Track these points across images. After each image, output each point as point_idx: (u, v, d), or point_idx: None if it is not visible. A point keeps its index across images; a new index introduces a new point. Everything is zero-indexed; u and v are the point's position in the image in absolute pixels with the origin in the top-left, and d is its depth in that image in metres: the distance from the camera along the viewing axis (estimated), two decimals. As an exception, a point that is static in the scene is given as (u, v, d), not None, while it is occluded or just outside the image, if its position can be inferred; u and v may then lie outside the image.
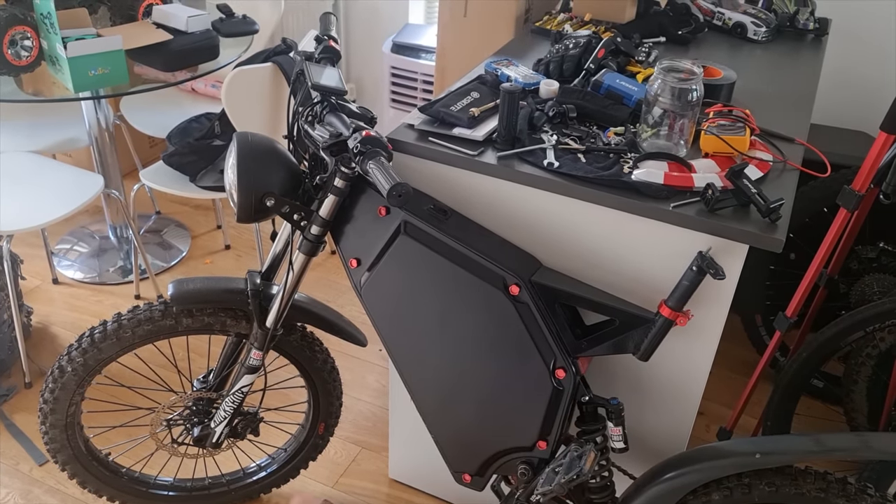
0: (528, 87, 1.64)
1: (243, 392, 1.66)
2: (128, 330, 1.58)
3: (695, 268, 1.26)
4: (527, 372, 1.39)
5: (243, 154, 1.39)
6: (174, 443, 1.78)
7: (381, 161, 1.22)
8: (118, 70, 2.12)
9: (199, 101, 2.83)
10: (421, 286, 1.42)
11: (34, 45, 2.13)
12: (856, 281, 2.22)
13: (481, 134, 1.49)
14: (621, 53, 1.76)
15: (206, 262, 2.86)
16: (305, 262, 1.50)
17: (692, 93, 1.41)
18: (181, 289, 1.56)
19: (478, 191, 1.49)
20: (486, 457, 1.51)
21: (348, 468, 2.09)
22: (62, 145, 2.65)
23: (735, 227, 1.27)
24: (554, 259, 1.48)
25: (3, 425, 2.15)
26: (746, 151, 1.44)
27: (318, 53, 1.55)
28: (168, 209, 3.13)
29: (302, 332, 1.71)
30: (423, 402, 1.52)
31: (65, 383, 1.61)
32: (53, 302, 2.62)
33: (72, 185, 2.33)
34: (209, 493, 1.91)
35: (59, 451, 1.70)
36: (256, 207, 1.39)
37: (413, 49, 2.96)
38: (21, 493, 1.97)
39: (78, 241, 2.92)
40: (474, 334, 1.41)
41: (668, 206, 1.32)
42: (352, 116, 1.39)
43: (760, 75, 1.91)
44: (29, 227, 2.16)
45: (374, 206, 1.42)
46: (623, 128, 1.54)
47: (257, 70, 2.17)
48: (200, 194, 2.38)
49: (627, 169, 1.40)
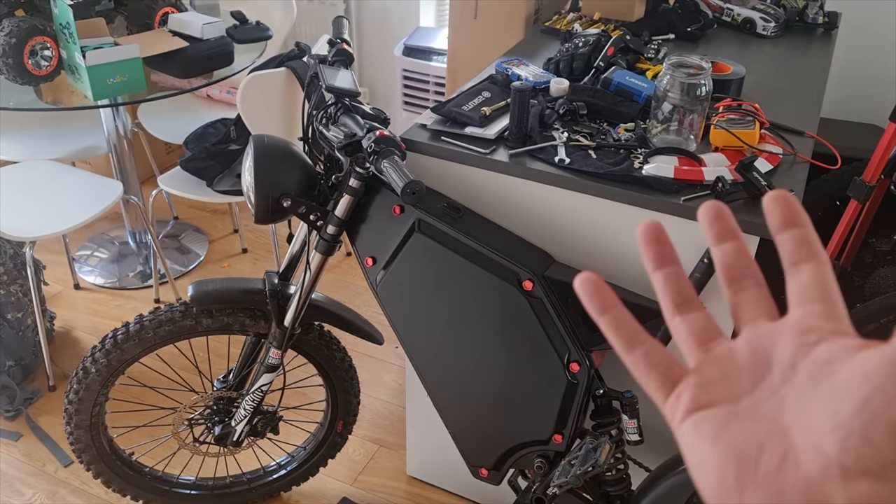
0: (539, 85, 1.66)
1: (263, 391, 1.69)
2: (149, 331, 1.62)
3: (706, 260, 1.28)
4: (541, 366, 1.41)
5: (260, 156, 1.42)
6: (196, 442, 1.81)
7: (395, 160, 1.24)
8: (136, 78, 2.17)
9: (215, 107, 2.87)
10: (436, 283, 1.44)
11: (53, 55, 2.17)
12: (870, 274, 2.22)
13: (493, 132, 1.51)
14: (631, 51, 1.78)
15: (223, 266, 2.90)
16: (322, 262, 1.53)
17: (701, 87, 1.42)
18: (201, 290, 1.59)
19: (490, 188, 1.51)
20: (502, 451, 1.53)
21: (367, 466, 2.11)
22: (81, 153, 2.69)
23: (745, 220, 1.29)
24: (566, 254, 1.50)
25: (29, 428, 2.19)
26: (756, 145, 1.45)
27: (331, 56, 1.57)
28: (186, 214, 3.18)
29: (319, 330, 1.74)
30: (440, 397, 1.54)
31: (89, 384, 1.65)
32: (75, 307, 2.67)
33: (91, 191, 2.37)
34: (231, 492, 1.94)
35: (84, 452, 1.74)
36: (273, 208, 1.42)
37: (424, 52, 2.99)
38: (47, 494, 2.00)
39: (98, 247, 2.96)
40: (489, 330, 1.43)
41: (679, 200, 1.33)
42: (365, 117, 1.42)
43: (770, 70, 1.92)
44: (51, 234, 2.20)
45: (389, 205, 1.44)
46: (633, 124, 1.56)
47: (271, 75, 2.21)
48: (217, 198, 2.42)
49: (638, 164, 1.42)
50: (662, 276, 0.40)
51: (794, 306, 0.36)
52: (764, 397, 0.34)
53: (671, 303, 0.39)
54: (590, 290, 0.40)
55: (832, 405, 0.30)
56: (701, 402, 0.35)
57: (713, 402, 0.35)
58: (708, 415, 0.34)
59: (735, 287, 0.38)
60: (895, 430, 0.29)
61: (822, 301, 0.35)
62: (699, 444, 0.34)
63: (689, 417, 0.35)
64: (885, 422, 0.29)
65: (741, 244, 0.39)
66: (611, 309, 0.40)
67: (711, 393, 0.35)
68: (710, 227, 0.39)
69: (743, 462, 0.32)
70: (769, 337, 0.35)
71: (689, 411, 0.35)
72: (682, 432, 0.35)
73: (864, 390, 0.29)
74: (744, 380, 0.35)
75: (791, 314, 0.36)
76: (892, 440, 0.28)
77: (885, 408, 0.29)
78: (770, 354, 0.35)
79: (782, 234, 0.37)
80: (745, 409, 0.34)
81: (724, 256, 0.39)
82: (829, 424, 0.30)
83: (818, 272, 0.36)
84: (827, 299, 0.35)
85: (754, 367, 0.35)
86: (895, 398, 0.29)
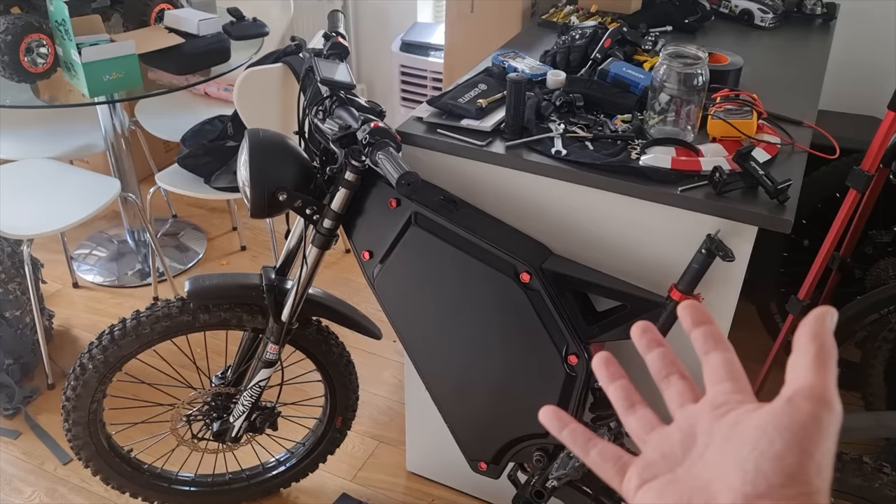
0: (536, 77, 1.65)
1: (261, 386, 1.68)
2: (146, 327, 1.61)
3: (704, 251, 1.27)
4: (539, 359, 1.40)
5: (255, 150, 1.41)
6: (194, 438, 1.81)
7: (390, 151, 1.23)
8: (132, 74, 2.16)
9: (213, 104, 2.87)
10: (433, 276, 1.44)
11: (49, 52, 2.17)
12: (871, 265, 2.21)
13: (489, 124, 1.50)
14: (628, 43, 1.77)
15: (222, 264, 2.90)
16: (319, 256, 1.52)
17: (698, 77, 1.42)
18: (198, 285, 1.58)
19: (487, 181, 1.50)
20: (501, 444, 1.52)
21: (366, 462, 2.11)
22: (79, 151, 2.69)
23: (743, 209, 1.28)
24: (564, 246, 1.49)
25: (28, 426, 2.19)
26: (754, 135, 1.45)
27: (326, 50, 1.57)
28: (184, 212, 3.17)
29: (317, 326, 1.73)
30: (438, 390, 1.54)
31: (86, 380, 1.64)
32: (74, 305, 2.66)
33: (89, 189, 2.37)
34: (230, 489, 1.93)
35: (83, 448, 1.74)
36: (269, 202, 1.42)
37: (422, 47, 2.98)
38: (46, 492, 2.00)
39: (96, 245, 2.96)
40: (487, 323, 1.42)
41: (677, 191, 1.33)
42: (361, 110, 1.41)
43: (768, 61, 1.91)
44: (48, 231, 2.20)
45: (385, 198, 1.44)
46: (630, 115, 1.55)
47: (268, 71, 2.20)
48: (215, 195, 2.41)
49: (635, 155, 1.41)
50: (615, 388, 0.51)
51: (709, 386, 0.46)
52: (693, 462, 0.43)
53: (624, 406, 0.50)
54: (549, 414, 0.50)
55: (737, 452, 0.40)
56: (645, 478, 0.44)
57: (655, 476, 0.44)
58: (652, 485, 0.43)
59: (665, 384, 0.49)
60: (778, 461, 0.38)
61: (729, 379, 0.45)
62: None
63: (638, 491, 0.44)
64: (769, 456, 0.38)
65: (666, 349, 0.50)
66: (567, 424, 0.50)
67: (653, 470, 0.44)
68: (640, 340, 0.50)
69: None
70: (693, 416, 0.45)
71: (638, 487, 0.44)
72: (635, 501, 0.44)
73: (755, 435, 0.39)
74: (677, 453, 0.44)
75: (707, 393, 0.46)
76: (776, 469, 0.37)
77: (769, 446, 0.38)
78: (695, 429, 0.44)
79: (693, 331, 0.48)
80: (680, 475, 0.43)
81: (654, 361, 0.49)
82: (735, 467, 0.39)
83: (724, 357, 0.46)
84: (733, 377, 0.45)
85: (684, 441, 0.44)
86: (776, 438, 0.38)
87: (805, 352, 0.41)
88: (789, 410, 0.39)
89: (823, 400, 0.39)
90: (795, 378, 0.41)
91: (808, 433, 0.38)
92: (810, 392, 0.39)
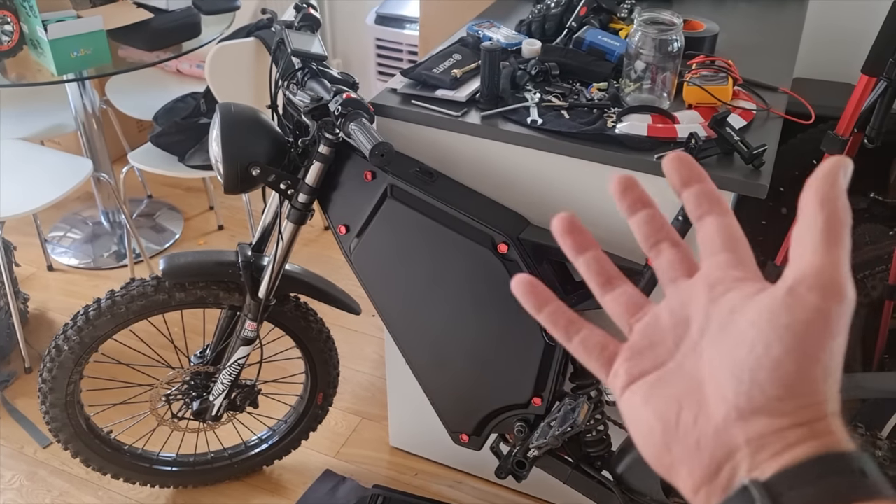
0: (511, 47, 1.64)
1: (240, 364, 1.67)
2: (122, 306, 1.59)
3: (681, 217, 1.27)
4: (518, 329, 1.40)
5: (227, 124, 1.39)
6: (174, 418, 1.79)
7: (363, 122, 1.22)
8: (100, 51, 2.11)
9: (185, 82, 2.82)
10: (410, 249, 1.43)
11: (15, 30, 2.12)
12: (847, 232, 2.22)
13: (464, 95, 1.49)
14: (603, 11, 1.75)
15: (199, 244, 2.87)
16: (294, 231, 1.51)
17: (673, 44, 1.41)
18: (173, 263, 1.56)
19: (463, 151, 1.49)
20: (482, 416, 1.52)
21: (349, 438, 2.11)
22: (50, 131, 2.64)
23: (719, 175, 1.28)
24: (541, 216, 1.48)
25: (6, 410, 2.17)
26: (729, 101, 1.44)
27: (297, 21, 1.54)
28: (160, 192, 3.13)
29: (295, 302, 1.72)
30: (418, 363, 1.54)
31: (62, 362, 1.62)
32: (49, 288, 2.63)
33: (61, 170, 2.32)
34: (212, 468, 1.93)
35: (61, 430, 1.72)
36: (242, 177, 1.40)
37: (397, 20, 2.94)
38: (26, 475, 1.98)
39: (71, 227, 2.92)
40: (465, 294, 1.42)
41: (653, 158, 1.32)
42: (333, 82, 1.39)
43: (743, 28, 1.91)
44: (20, 213, 2.16)
45: (360, 171, 1.42)
46: (606, 83, 1.54)
47: (239, 45, 2.16)
48: (190, 173, 2.38)
49: (611, 123, 1.40)
50: (584, 261, 0.43)
51: (704, 258, 0.38)
52: (686, 354, 0.36)
53: (598, 284, 0.42)
54: (525, 289, 0.43)
55: (731, 353, 0.33)
56: (633, 375, 0.38)
57: (643, 373, 0.38)
58: (639, 385, 0.37)
59: (654, 252, 0.40)
60: (775, 369, 0.31)
61: (726, 250, 0.37)
62: (633, 411, 0.37)
63: (625, 391, 0.38)
64: (765, 363, 0.31)
65: (654, 210, 0.41)
66: (547, 304, 0.43)
67: (641, 364, 0.38)
68: (622, 200, 0.41)
69: (666, 422, 0.35)
70: (686, 294, 0.37)
71: (624, 386, 0.38)
72: (621, 404, 0.38)
73: (751, 335, 0.32)
74: (668, 342, 0.37)
75: (702, 267, 0.38)
76: (773, 379, 0.31)
77: (766, 350, 0.31)
78: (688, 310, 0.37)
79: (684, 192, 0.39)
80: (670, 371, 0.36)
81: (640, 226, 0.41)
82: (728, 372, 0.33)
83: (721, 221, 0.37)
84: (731, 247, 0.37)
85: (676, 327, 0.37)
86: (774, 340, 0.31)
87: (811, 224, 0.33)
88: (790, 304, 0.31)
89: (832, 288, 0.32)
90: (800, 259, 0.33)
91: (813, 333, 0.31)
92: (816, 279, 0.32)
